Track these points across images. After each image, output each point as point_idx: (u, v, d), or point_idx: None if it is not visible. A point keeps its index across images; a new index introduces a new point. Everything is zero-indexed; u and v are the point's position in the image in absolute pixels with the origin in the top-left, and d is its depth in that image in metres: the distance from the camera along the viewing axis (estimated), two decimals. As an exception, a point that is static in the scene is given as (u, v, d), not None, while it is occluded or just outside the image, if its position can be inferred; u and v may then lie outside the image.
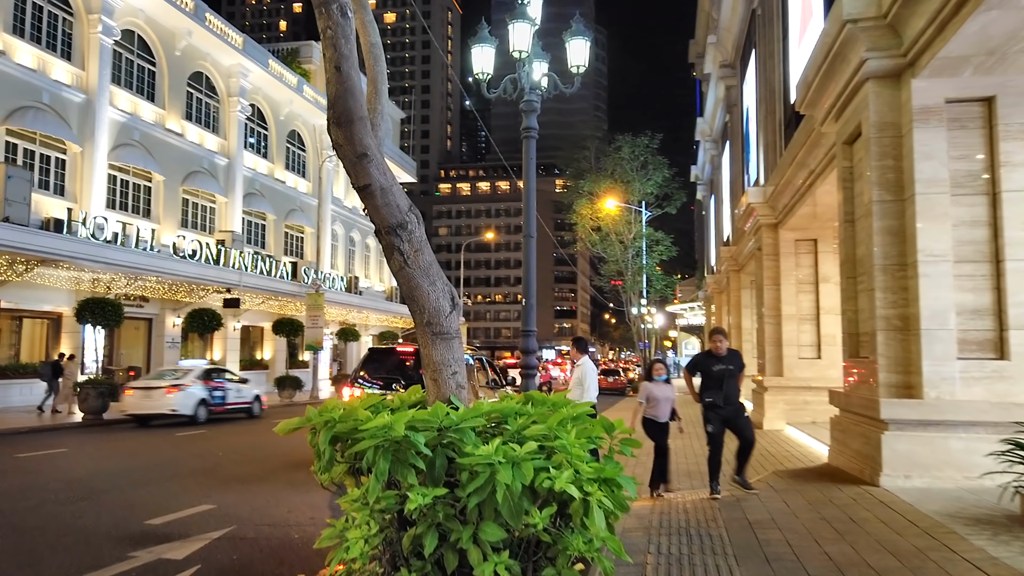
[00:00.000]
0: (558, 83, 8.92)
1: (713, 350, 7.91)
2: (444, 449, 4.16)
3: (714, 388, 7.78)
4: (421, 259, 4.68)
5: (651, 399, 8.07)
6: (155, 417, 17.95)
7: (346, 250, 43.22)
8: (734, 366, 7.83)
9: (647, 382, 8.30)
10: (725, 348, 7.90)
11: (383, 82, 5.50)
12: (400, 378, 10.17)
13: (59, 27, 23.10)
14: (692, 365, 8.26)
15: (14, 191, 19.69)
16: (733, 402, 7.81)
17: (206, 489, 8.72)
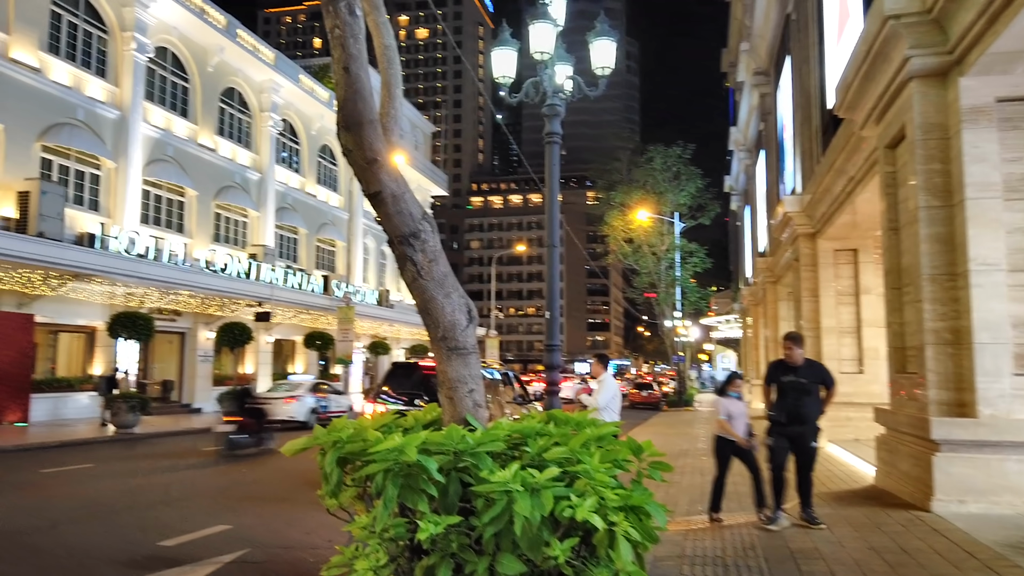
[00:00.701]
0: (582, 86, 8.63)
1: (786, 358, 7.02)
2: (459, 474, 3.86)
3: (780, 401, 6.97)
4: (436, 270, 4.40)
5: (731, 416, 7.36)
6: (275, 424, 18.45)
7: (377, 264, 43.32)
8: (808, 379, 6.89)
9: (722, 397, 7.52)
10: (800, 357, 6.96)
11: (397, 85, 5.26)
12: (423, 394, 9.91)
13: (93, 45, 23.50)
14: (767, 375, 7.36)
15: (48, 207, 19.97)
16: (803, 421, 6.86)
17: (224, 509, 8.53)
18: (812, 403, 6.89)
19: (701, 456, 13.25)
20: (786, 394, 6.93)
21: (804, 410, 6.86)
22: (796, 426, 6.88)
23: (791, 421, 6.88)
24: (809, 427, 6.90)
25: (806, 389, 6.86)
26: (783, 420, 6.91)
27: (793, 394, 6.88)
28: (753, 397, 31.14)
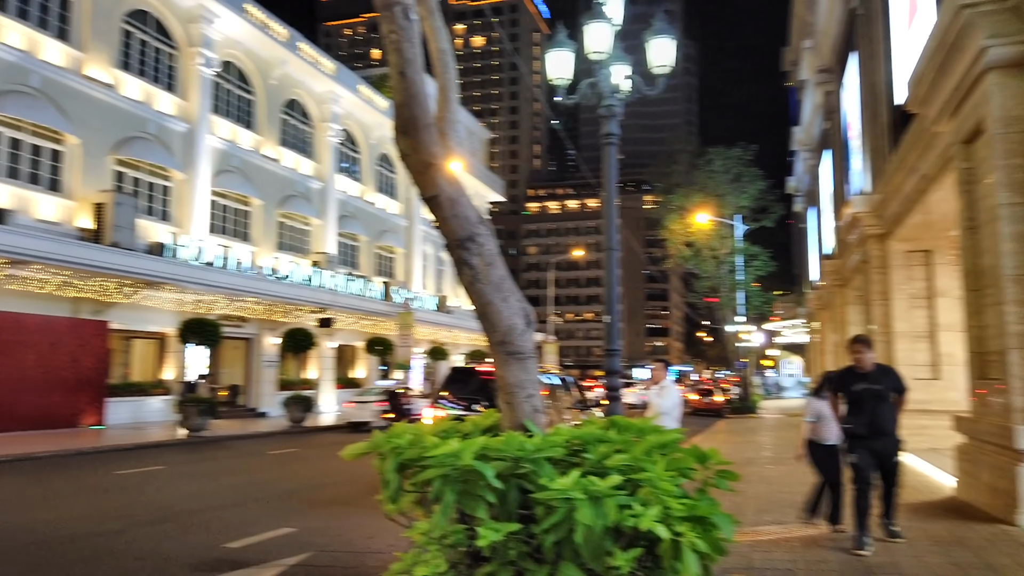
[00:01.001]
0: (641, 86, 8.49)
1: (855, 364, 6.41)
2: (518, 480, 3.79)
3: (855, 413, 6.34)
4: (493, 273, 4.35)
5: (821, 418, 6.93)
6: (366, 424, 22.18)
7: (436, 270, 43.72)
8: (883, 386, 6.33)
9: (815, 399, 7.02)
10: (870, 362, 6.37)
11: (453, 89, 5.24)
12: (482, 399, 9.89)
13: (163, 60, 24.40)
14: (834, 384, 6.73)
15: (122, 217, 20.78)
16: (885, 432, 6.27)
17: (288, 512, 8.66)
18: (890, 412, 6.35)
19: (767, 465, 12.88)
20: (861, 404, 6.33)
21: (883, 420, 6.30)
22: (878, 439, 6.27)
23: (871, 433, 6.27)
24: (891, 439, 6.36)
25: (882, 396, 6.32)
26: (863, 433, 6.29)
27: (870, 403, 6.29)
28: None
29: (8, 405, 18.11)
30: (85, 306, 20.74)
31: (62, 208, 20.41)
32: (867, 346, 6.43)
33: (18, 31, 19.51)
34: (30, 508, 9.08)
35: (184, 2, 24.59)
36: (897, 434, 6.39)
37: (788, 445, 17.05)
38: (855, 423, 6.34)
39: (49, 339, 19.28)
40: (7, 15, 19.25)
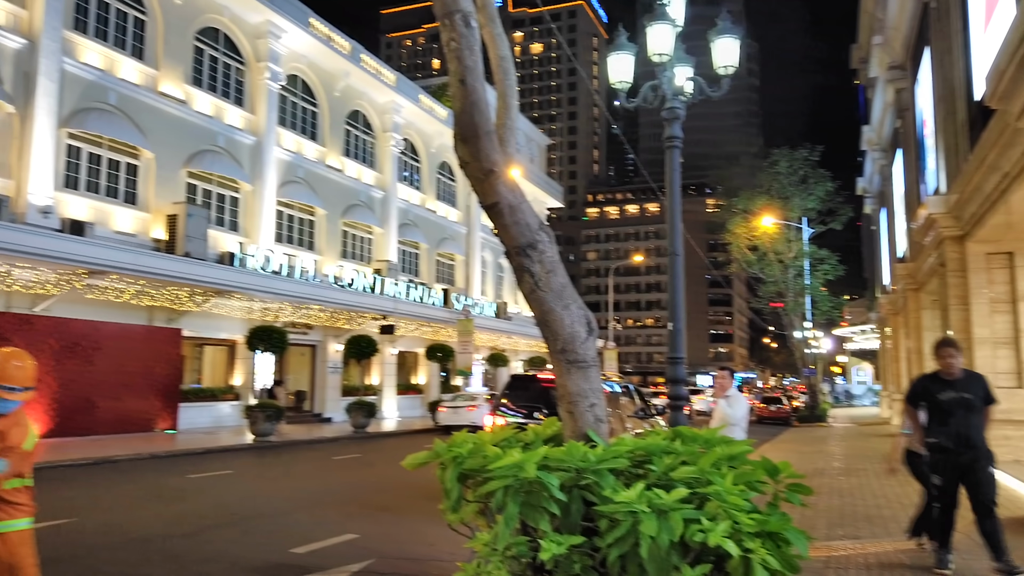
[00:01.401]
0: (704, 87, 8.32)
1: (942, 371, 5.81)
2: (581, 492, 3.72)
3: (941, 424, 5.76)
4: (553, 281, 4.30)
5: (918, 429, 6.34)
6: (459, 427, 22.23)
7: (495, 276, 43.88)
8: (973, 395, 5.72)
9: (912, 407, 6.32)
10: (959, 368, 5.77)
11: (513, 96, 5.21)
12: (543, 407, 9.82)
13: (232, 76, 25.20)
14: (914, 392, 6.14)
15: (194, 228, 21.50)
16: (972, 445, 5.66)
17: (352, 517, 8.76)
18: (979, 423, 5.73)
19: (839, 476, 12.43)
20: (948, 414, 5.73)
21: (972, 432, 5.67)
22: (966, 452, 5.65)
23: (959, 446, 5.67)
24: (982, 452, 5.71)
25: (972, 406, 5.69)
26: (950, 446, 5.71)
27: (959, 413, 5.69)
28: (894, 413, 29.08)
29: (87, 410, 18.92)
30: (159, 314, 21.52)
31: (138, 220, 21.24)
32: (957, 350, 5.85)
33: (97, 51, 20.43)
34: (107, 510, 9.43)
35: (252, 18, 25.36)
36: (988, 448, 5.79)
37: (860, 456, 16.44)
38: (940, 435, 5.79)
39: (125, 346, 20.06)
40: (87, 36, 20.18)
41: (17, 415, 3.66)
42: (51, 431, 17.96)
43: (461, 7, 4.28)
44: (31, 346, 17.62)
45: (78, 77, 19.66)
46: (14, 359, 3.66)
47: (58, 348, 18.36)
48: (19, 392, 3.63)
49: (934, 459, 5.93)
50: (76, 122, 19.43)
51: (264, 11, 25.10)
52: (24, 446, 3.65)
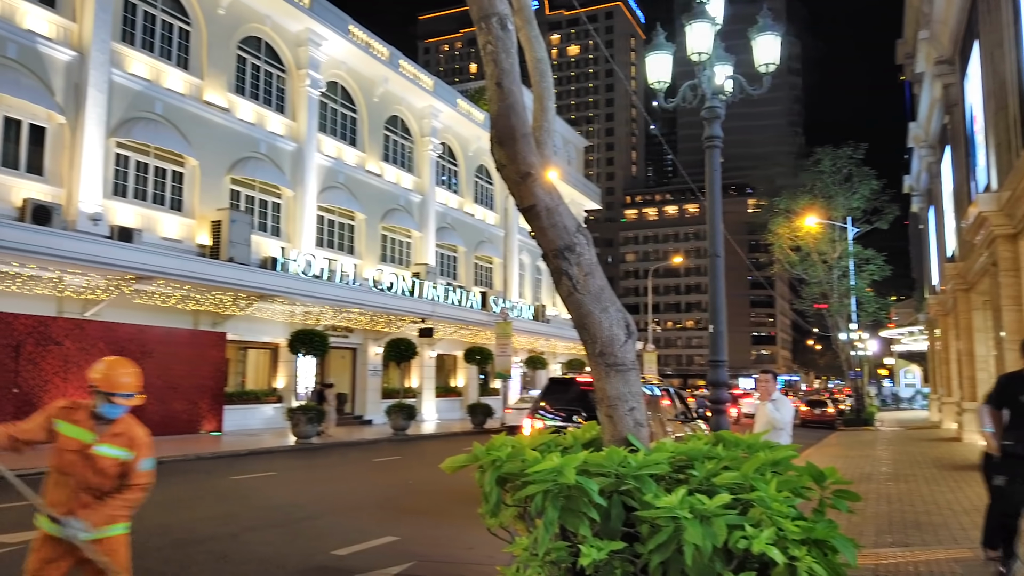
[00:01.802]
0: (744, 85, 8.18)
1: None
2: (621, 497, 3.68)
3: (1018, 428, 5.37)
4: (591, 283, 4.26)
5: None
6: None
7: (533, 279, 43.87)
8: None
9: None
10: None
11: (550, 98, 5.19)
12: (581, 410, 9.76)
13: (273, 84, 25.64)
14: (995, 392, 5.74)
15: (237, 234, 21.91)
16: None
17: (392, 520, 8.81)
18: None
19: (887, 481, 12.12)
20: None
21: None
22: None
23: None
24: None
25: None
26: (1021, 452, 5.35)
27: None
28: (944, 416, 28.27)
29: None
30: (204, 318, 21.97)
31: (183, 226, 21.72)
32: None
33: (144, 62, 20.96)
34: (155, 511, 9.63)
35: (293, 27, 25.78)
36: None
37: (909, 460, 16.02)
38: (1017, 438, 5.41)
39: (172, 350, 20.52)
40: (134, 47, 20.72)
41: (125, 421, 3.84)
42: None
43: (497, 10, 4.27)
44: (82, 350, 18.14)
45: (126, 87, 20.19)
46: (121, 367, 3.82)
47: (107, 352, 18.85)
48: (127, 398, 3.80)
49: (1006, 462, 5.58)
50: (124, 131, 19.95)
51: (304, 19, 25.50)
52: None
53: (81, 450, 3.69)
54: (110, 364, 3.82)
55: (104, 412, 3.75)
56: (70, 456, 3.69)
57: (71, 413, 3.75)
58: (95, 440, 3.71)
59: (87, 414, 3.76)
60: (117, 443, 3.74)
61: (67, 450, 3.69)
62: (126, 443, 3.77)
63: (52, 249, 16.10)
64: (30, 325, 17.19)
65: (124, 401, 3.79)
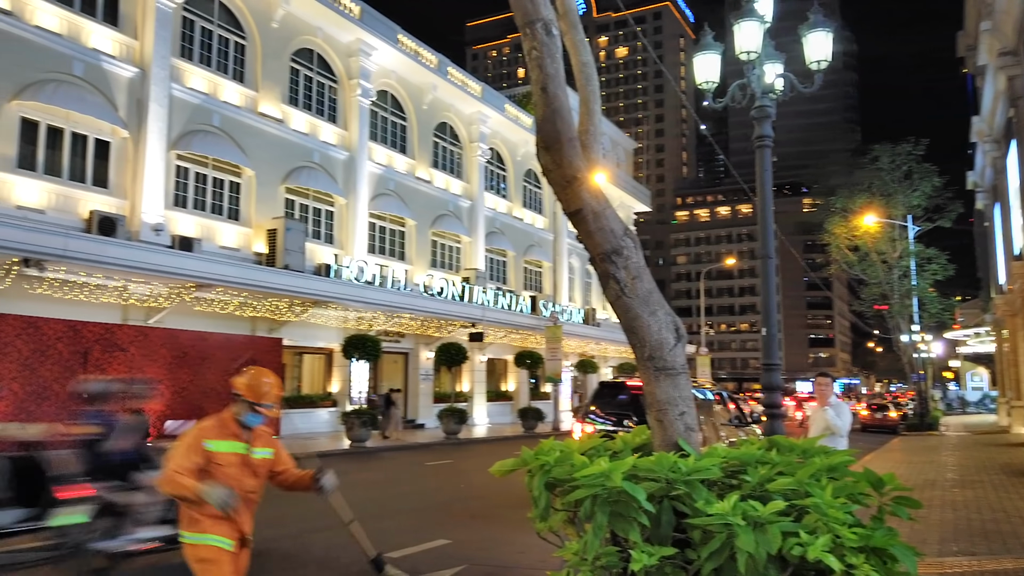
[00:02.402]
0: (795, 83, 8.02)
1: None
2: (671, 503, 3.64)
3: None
4: (639, 287, 4.23)
5: None
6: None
7: (583, 283, 43.72)
8: None
9: None
10: None
11: (596, 101, 5.18)
12: (632, 414, 9.68)
13: (325, 94, 26.17)
14: None
15: (292, 242, 22.40)
16: None
17: (443, 523, 8.89)
18: None
19: (952, 488, 11.71)
20: None
21: None
22: None
23: None
24: None
25: None
26: None
27: None
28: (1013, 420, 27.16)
29: (197, 416, 19.90)
30: (261, 324, 22.50)
31: (240, 235, 22.30)
32: None
33: (202, 76, 21.63)
34: (216, 511, 9.90)
35: (344, 38, 26.27)
36: None
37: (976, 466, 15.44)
38: None
39: (230, 355, 21.04)
40: (193, 62, 21.39)
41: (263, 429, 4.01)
42: (164, 436, 19.05)
43: (542, 15, 4.29)
44: (146, 356, 18.78)
45: (185, 101, 20.85)
46: (264, 378, 3.96)
47: (170, 358, 19.47)
48: (269, 408, 3.95)
49: None
50: (184, 144, 20.61)
51: (355, 30, 25.97)
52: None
53: (242, 460, 3.88)
54: (255, 375, 3.96)
55: (247, 421, 3.92)
56: (230, 469, 3.83)
57: (220, 431, 3.88)
58: (248, 448, 3.92)
59: (235, 425, 3.91)
60: (263, 444, 3.99)
61: (225, 465, 3.82)
62: (268, 443, 4.03)
63: (117, 259, 16.73)
64: (97, 332, 17.86)
65: (266, 411, 3.95)
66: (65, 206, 17.91)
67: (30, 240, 15.19)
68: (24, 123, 17.34)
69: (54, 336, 16.98)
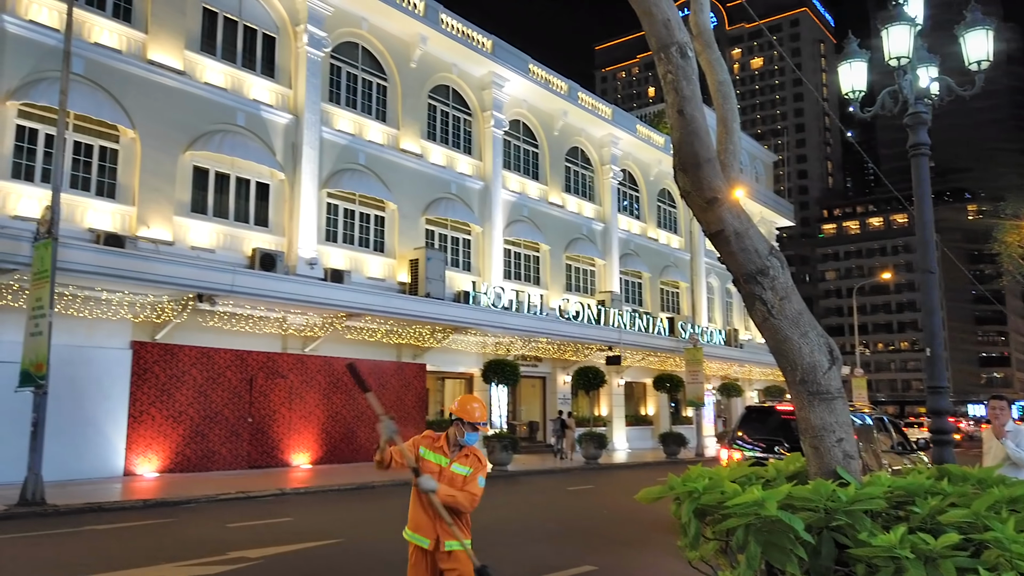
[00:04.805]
0: (952, 86, 7.47)
1: None
2: (832, 534, 3.47)
3: None
4: (788, 308, 4.09)
5: None
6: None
7: (723, 302, 42.37)
8: None
9: None
10: None
11: (734, 119, 5.09)
12: (783, 440, 9.24)
13: (460, 127, 27.14)
14: None
15: (433, 270, 23.27)
16: None
17: (589, 549, 8.84)
18: None
19: None
20: None
21: None
22: None
23: None
24: None
25: None
26: None
27: None
28: None
29: (349, 439, 21.04)
30: (406, 351, 23.45)
31: (385, 266, 23.44)
32: None
33: (348, 118, 23.07)
34: (367, 533, 10.37)
35: (477, 72, 27.21)
36: None
37: None
38: None
39: (379, 381, 22.07)
40: (340, 106, 22.86)
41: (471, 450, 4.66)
42: (321, 458, 20.20)
43: (677, 39, 4.29)
44: (304, 382, 20.06)
45: (334, 143, 22.30)
46: (473, 403, 4.70)
47: (325, 384, 20.68)
48: (483, 427, 4.72)
49: None
50: (333, 182, 22.00)
51: (488, 64, 26.83)
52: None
53: (440, 471, 4.54)
54: (469, 400, 4.72)
55: (467, 440, 4.62)
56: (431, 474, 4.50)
57: (432, 443, 4.64)
58: (449, 463, 4.57)
59: (445, 443, 4.63)
60: (465, 463, 4.58)
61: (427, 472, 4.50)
62: (472, 463, 4.60)
63: (277, 292, 18.07)
64: (261, 360, 19.30)
65: (482, 429, 4.74)
66: (231, 245, 19.57)
67: (203, 277, 16.72)
68: (196, 171, 19.17)
69: (224, 364, 18.51)
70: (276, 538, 9.50)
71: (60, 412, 14.86)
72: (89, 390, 16.12)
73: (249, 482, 15.70)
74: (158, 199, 18.13)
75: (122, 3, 18.20)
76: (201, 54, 19.53)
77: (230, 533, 10.05)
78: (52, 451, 13.20)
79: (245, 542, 9.22)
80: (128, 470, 16.49)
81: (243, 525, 10.67)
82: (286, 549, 8.76)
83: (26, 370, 12.38)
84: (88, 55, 17.10)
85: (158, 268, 16.03)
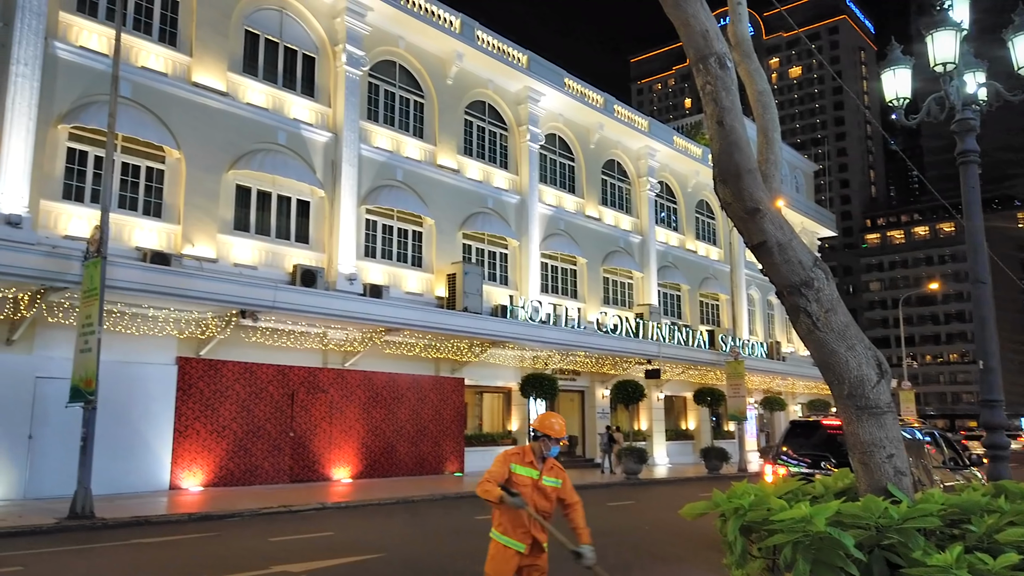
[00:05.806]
0: (1001, 91, 7.27)
1: None
2: (883, 552, 3.37)
3: None
4: (834, 320, 4.01)
5: None
6: None
7: (764, 314, 41.74)
8: None
9: None
10: None
11: (775, 129, 5.04)
12: (830, 456, 9.02)
13: (496, 142, 27.28)
14: None
15: (470, 285, 23.35)
16: None
17: (633, 565, 8.74)
18: None
19: None
20: None
21: None
22: None
23: None
24: None
25: None
26: None
27: None
28: None
29: (389, 453, 21.14)
30: (444, 365, 23.53)
31: (423, 280, 23.59)
32: None
33: (386, 135, 23.35)
34: (409, 546, 10.38)
35: (512, 87, 27.36)
36: None
37: None
38: None
39: (418, 395, 22.18)
40: (378, 124, 23.17)
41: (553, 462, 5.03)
42: (361, 472, 20.32)
43: (715, 50, 4.26)
44: (344, 396, 20.23)
45: (372, 159, 22.58)
46: (553, 418, 5.07)
47: (365, 398, 20.84)
48: (562, 441, 5.06)
49: None
50: (372, 199, 22.26)
51: (523, 79, 26.97)
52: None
53: (533, 484, 4.88)
54: (549, 416, 5.09)
55: (551, 453, 5.00)
56: (525, 489, 4.84)
57: (521, 459, 4.98)
58: (539, 475, 4.92)
59: (532, 457, 4.97)
60: (552, 475, 4.97)
61: (521, 485, 4.84)
62: (557, 474, 5.00)
63: (318, 307, 18.31)
64: (302, 375, 19.54)
65: (562, 443, 5.06)
66: (273, 261, 19.90)
67: (246, 293, 17.03)
68: (239, 189, 19.57)
69: (266, 379, 18.78)
70: (318, 552, 9.57)
71: (108, 427, 15.20)
72: (136, 405, 16.49)
73: (291, 496, 15.86)
74: (202, 217, 18.54)
75: (168, 27, 18.74)
76: (243, 75, 19.98)
77: (273, 547, 10.15)
78: (100, 465, 13.52)
79: (288, 556, 9.30)
80: (174, 484, 16.80)
81: (286, 539, 10.77)
82: (329, 563, 8.82)
83: (76, 386, 12.72)
84: (135, 78, 17.61)
85: (202, 285, 16.38)
